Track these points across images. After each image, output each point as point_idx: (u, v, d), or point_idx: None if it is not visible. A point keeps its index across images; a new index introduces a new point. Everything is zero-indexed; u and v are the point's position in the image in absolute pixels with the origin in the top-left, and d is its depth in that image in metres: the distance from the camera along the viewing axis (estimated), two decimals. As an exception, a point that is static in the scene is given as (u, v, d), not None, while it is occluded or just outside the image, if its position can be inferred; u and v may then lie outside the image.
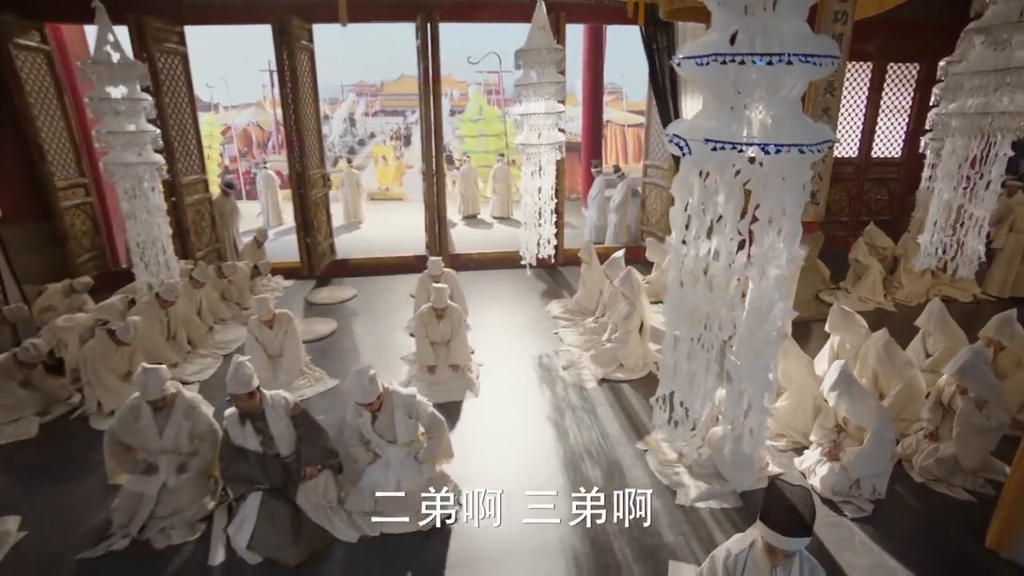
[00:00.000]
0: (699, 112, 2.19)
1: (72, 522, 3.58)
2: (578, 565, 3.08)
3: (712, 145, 1.97)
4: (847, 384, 3.37)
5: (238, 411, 3.37)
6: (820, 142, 1.97)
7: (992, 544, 3.05)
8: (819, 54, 1.83)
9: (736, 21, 1.99)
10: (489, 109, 19.83)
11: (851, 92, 8.89)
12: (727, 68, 1.91)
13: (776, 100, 1.97)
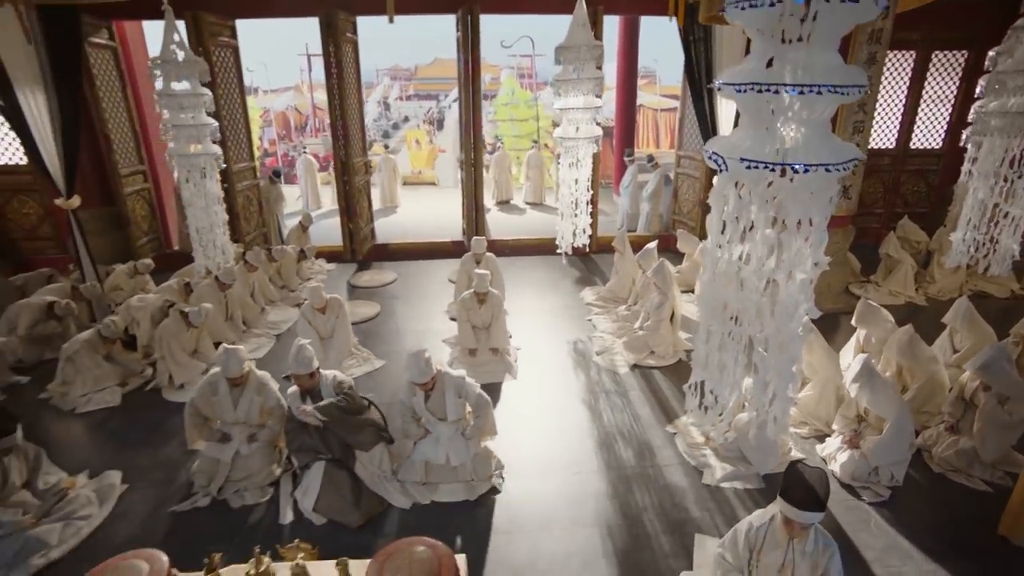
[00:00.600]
0: (735, 130, 2.41)
1: (160, 480, 4.03)
2: (611, 534, 3.39)
3: (747, 164, 2.19)
4: (868, 376, 3.57)
5: (299, 389, 3.73)
6: (846, 161, 2.18)
7: (1004, 531, 3.24)
8: (848, 84, 2.03)
9: (773, 49, 2.19)
10: (522, 92, 19.93)
11: (890, 82, 8.78)
12: (763, 94, 2.13)
13: (807, 122, 2.18)
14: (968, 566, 3.13)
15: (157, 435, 4.66)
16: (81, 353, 5.22)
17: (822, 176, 2.17)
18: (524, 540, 3.36)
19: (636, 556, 3.25)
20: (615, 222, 10.34)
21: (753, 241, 2.49)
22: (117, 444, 4.53)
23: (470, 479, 3.69)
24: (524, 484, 3.81)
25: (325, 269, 8.48)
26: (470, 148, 8.12)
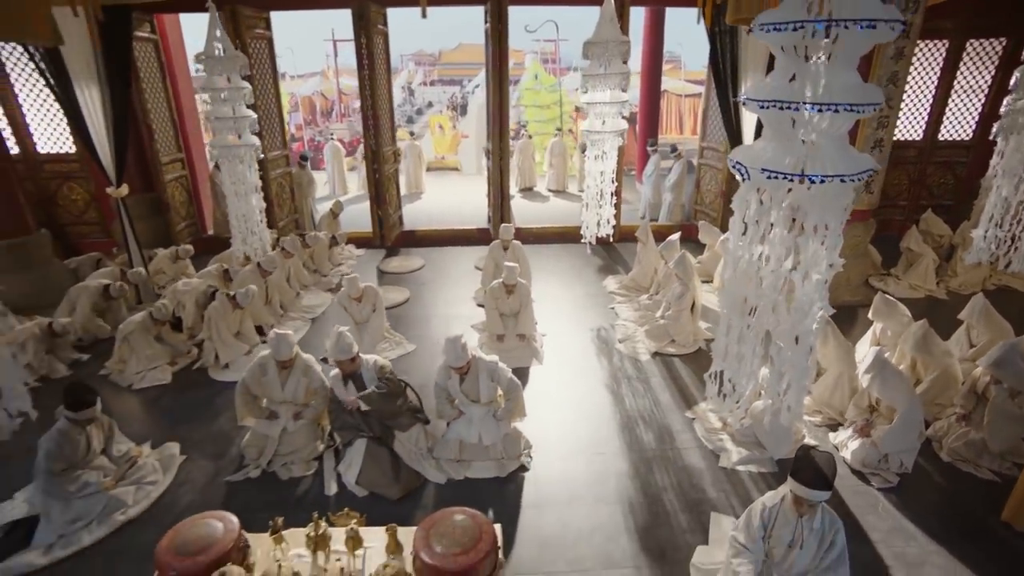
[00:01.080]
0: (757, 140, 2.59)
1: (213, 453, 4.38)
2: (632, 511, 3.65)
3: (767, 174, 2.38)
4: (881, 368, 3.75)
5: (341, 372, 4.02)
6: (861, 172, 2.35)
7: (1007, 517, 3.43)
8: (864, 103, 2.20)
9: (795, 66, 2.37)
10: (546, 77, 19.93)
11: (920, 72, 8.70)
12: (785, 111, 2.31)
13: (825, 135, 2.36)
14: (970, 549, 3.32)
15: (207, 411, 5.01)
16: (135, 334, 5.59)
17: (838, 185, 2.35)
18: (551, 514, 3.63)
19: (655, 532, 3.50)
20: (637, 211, 10.47)
21: (772, 243, 2.68)
22: (171, 419, 4.89)
23: (501, 457, 3.97)
24: (551, 463, 4.09)
25: (355, 255, 8.78)
26: (497, 138, 8.30)
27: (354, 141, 18.78)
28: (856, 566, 3.10)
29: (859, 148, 6.11)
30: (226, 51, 6.09)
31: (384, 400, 3.91)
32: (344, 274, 7.94)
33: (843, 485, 3.85)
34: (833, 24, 2.14)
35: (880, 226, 8.25)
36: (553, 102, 19.00)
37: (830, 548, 2.66)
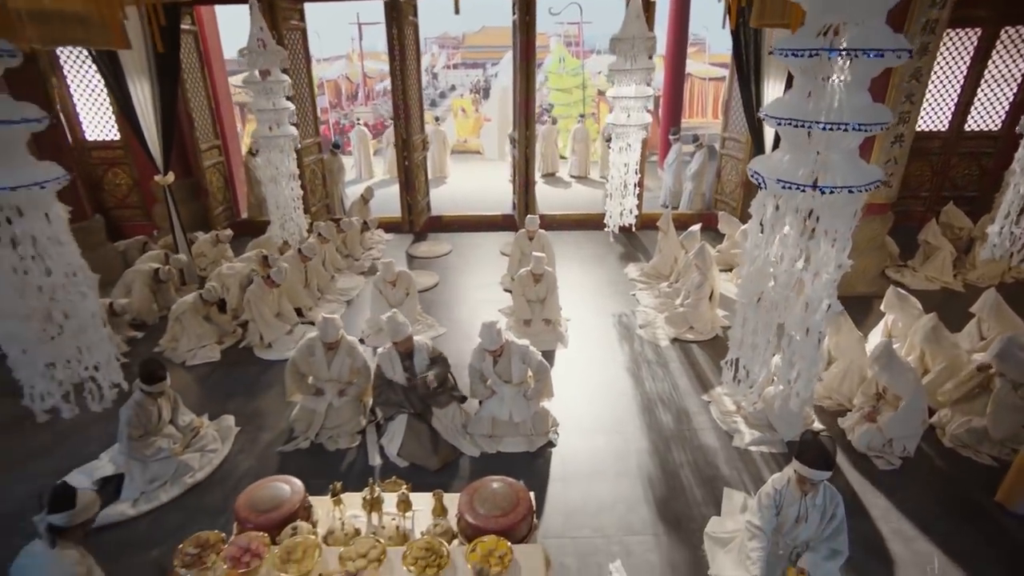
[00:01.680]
0: (775, 152, 2.84)
1: (264, 425, 4.79)
2: (651, 485, 3.97)
3: (782, 184, 2.63)
4: (888, 358, 3.99)
5: (397, 352, 4.36)
6: (868, 183, 2.59)
7: (1000, 498, 3.68)
8: (872, 123, 2.44)
9: (811, 85, 2.60)
10: (571, 60, 19.90)
11: (948, 61, 8.65)
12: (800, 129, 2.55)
13: (837, 150, 2.59)
14: (963, 526, 3.59)
15: (255, 387, 5.43)
16: (187, 314, 6.01)
17: (847, 195, 2.59)
18: (577, 487, 3.97)
19: (672, 503, 3.83)
20: (658, 198, 10.64)
21: (786, 244, 2.93)
22: (223, 393, 5.31)
23: (530, 433, 4.31)
24: (576, 439, 4.43)
25: (384, 239, 9.13)
26: (523, 127, 8.53)
27: (378, 124, 19.07)
28: (857, 539, 3.41)
29: (879, 144, 6.27)
30: (267, 46, 6.40)
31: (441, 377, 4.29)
32: (375, 258, 8.35)
33: (849, 466, 4.13)
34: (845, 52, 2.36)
35: (901, 217, 8.33)
36: (576, 85, 19.01)
37: (831, 519, 2.95)
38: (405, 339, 4.21)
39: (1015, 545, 3.49)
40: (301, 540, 2.68)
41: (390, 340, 4.27)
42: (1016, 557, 3.40)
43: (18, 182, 2.69)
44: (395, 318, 4.26)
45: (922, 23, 5.85)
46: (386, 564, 2.60)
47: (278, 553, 2.61)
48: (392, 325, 4.22)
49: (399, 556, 2.63)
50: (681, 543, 3.53)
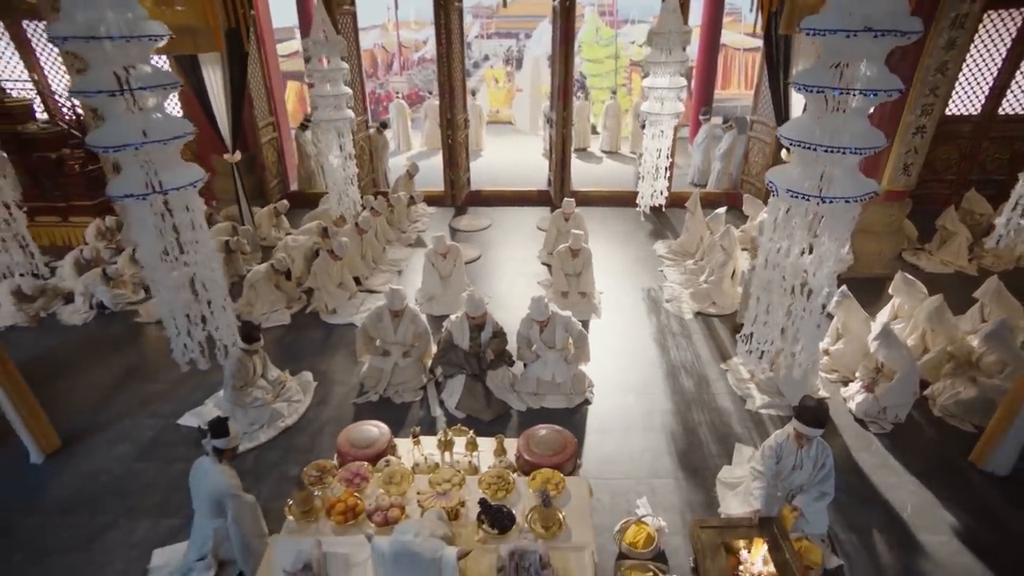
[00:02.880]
0: (787, 164, 3.38)
1: (336, 381, 5.57)
2: (674, 439, 4.66)
3: (791, 194, 3.18)
4: (886, 337, 4.55)
5: (471, 323, 5.04)
6: (863, 195, 3.14)
7: (973, 458, 4.27)
8: (867, 147, 2.97)
9: (820, 111, 3.12)
10: (605, 30, 19.88)
11: (985, 44, 8.66)
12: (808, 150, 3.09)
13: (838, 166, 3.13)
14: (938, 480, 4.20)
15: (324, 348, 6.20)
16: (260, 282, 6.79)
17: (845, 204, 3.15)
18: (610, 439, 4.67)
19: (691, 455, 4.51)
20: (687, 175, 11.04)
21: (794, 240, 3.50)
22: (296, 353, 6.09)
23: (569, 392, 5.02)
24: (609, 399, 5.12)
25: (428, 212, 9.77)
26: (560, 108, 8.99)
27: (411, 94, 19.47)
28: (847, 489, 4.09)
29: (900, 134, 6.61)
30: (328, 37, 6.99)
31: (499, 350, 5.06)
32: (420, 231, 9.05)
33: (847, 429, 4.75)
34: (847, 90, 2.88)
35: (925, 200, 8.64)
36: (608, 56, 19.06)
37: (822, 468, 3.59)
38: (481, 314, 4.92)
39: (978, 495, 4.10)
40: (397, 468, 3.44)
41: (466, 312, 4.96)
42: (977, 505, 4.02)
43: (183, 182, 3.40)
44: (474, 296, 4.98)
45: (952, 17, 6.06)
46: (465, 487, 3.34)
47: (380, 477, 3.37)
48: (472, 302, 4.92)
49: (474, 482, 3.37)
50: (697, 487, 4.22)
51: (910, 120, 6.54)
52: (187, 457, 4.65)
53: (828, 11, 2.83)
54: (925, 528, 3.82)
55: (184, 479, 4.37)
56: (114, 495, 4.33)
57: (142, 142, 3.20)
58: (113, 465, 4.63)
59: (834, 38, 2.80)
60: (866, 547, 3.72)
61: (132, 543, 3.92)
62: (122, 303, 7.06)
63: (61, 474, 4.54)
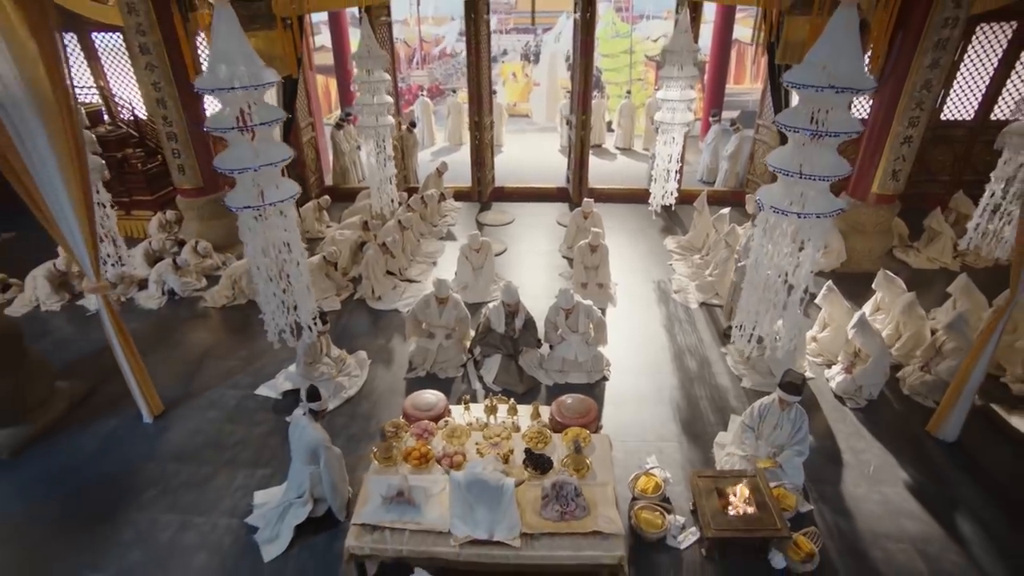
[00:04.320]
0: (773, 184, 4.17)
1: (387, 360, 6.45)
2: (679, 410, 5.50)
3: (774, 210, 3.98)
4: (862, 326, 5.34)
5: (506, 311, 5.89)
6: (832, 211, 3.92)
7: (929, 428, 5.08)
8: (835, 175, 3.74)
9: (798, 145, 3.90)
10: (621, 25, 20.42)
11: (978, 54, 9.26)
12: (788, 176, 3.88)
13: (812, 188, 3.91)
14: (898, 445, 5.02)
15: (372, 331, 7.08)
16: (313, 271, 7.65)
17: (818, 219, 3.93)
18: (625, 410, 5.52)
19: (693, 423, 5.35)
20: (696, 172, 11.75)
21: (778, 245, 4.29)
22: (348, 335, 6.95)
23: (590, 370, 5.87)
24: (623, 377, 5.96)
25: (456, 208, 10.60)
26: (579, 112, 9.74)
27: (431, 88, 20.19)
28: (823, 452, 4.93)
29: (890, 143, 7.32)
30: (371, 51, 7.78)
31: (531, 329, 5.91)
32: (450, 225, 9.89)
33: (826, 405, 5.57)
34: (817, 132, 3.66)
35: (920, 200, 9.33)
36: (623, 50, 19.61)
37: (798, 430, 4.43)
38: (515, 302, 5.77)
39: (929, 457, 4.94)
40: (457, 425, 4.32)
41: (502, 300, 5.81)
42: (927, 465, 4.85)
43: (283, 196, 4.26)
44: (509, 287, 5.84)
45: (935, 40, 6.75)
46: (511, 440, 4.21)
47: (444, 432, 4.25)
48: (507, 291, 5.78)
49: (518, 438, 4.24)
50: (697, 448, 5.08)
51: (899, 131, 7.24)
52: (267, 421, 5.61)
53: (802, 68, 3.60)
54: (883, 482, 4.65)
55: (267, 439, 5.34)
56: (213, 449, 5.26)
57: (259, 165, 4.06)
58: (207, 426, 5.55)
59: (806, 91, 3.58)
60: (833, 496, 4.56)
61: (235, 486, 4.84)
62: (189, 290, 7.97)
63: (168, 432, 5.48)
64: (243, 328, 7.13)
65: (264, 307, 4.74)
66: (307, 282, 4.89)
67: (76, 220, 4.61)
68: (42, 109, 4.16)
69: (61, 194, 4.48)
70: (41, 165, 4.36)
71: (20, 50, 4.01)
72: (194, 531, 4.44)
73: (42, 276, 7.66)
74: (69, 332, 7.25)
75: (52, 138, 4.26)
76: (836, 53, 3.45)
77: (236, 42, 3.83)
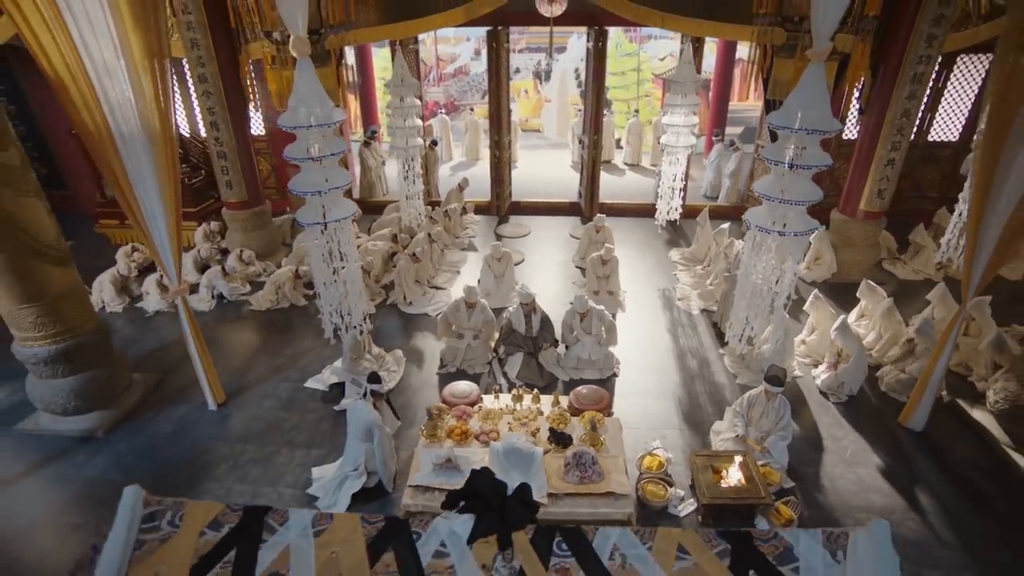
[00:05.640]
0: (758, 207, 4.92)
1: (419, 358, 7.22)
2: (680, 404, 6.23)
3: (758, 228, 4.73)
4: (843, 329, 6.07)
5: (524, 310, 6.66)
6: (809, 230, 4.67)
7: (901, 419, 5.79)
8: (810, 200, 4.49)
9: (778, 175, 4.65)
10: (627, 45, 21.29)
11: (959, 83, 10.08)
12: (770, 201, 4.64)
13: (792, 210, 4.66)
14: (873, 434, 5.72)
15: (404, 332, 7.86)
16: (350, 278, 8.46)
17: (796, 237, 4.68)
18: (633, 402, 6.25)
19: (692, 414, 6.08)
20: (701, 188, 12.50)
21: (765, 258, 5.04)
22: (383, 336, 7.73)
23: (602, 368, 6.61)
24: (632, 374, 6.71)
25: (476, 220, 11.39)
26: (592, 132, 10.54)
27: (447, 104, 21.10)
28: (806, 439, 5.64)
29: (875, 165, 8.07)
30: (404, 79, 8.63)
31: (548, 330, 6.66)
32: (471, 236, 10.69)
33: (812, 400, 6.28)
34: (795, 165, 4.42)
35: (912, 215, 10.05)
36: (631, 68, 20.44)
37: (782, 418, 5.15)
38: (530, 301, 6.55)
39: (899, 443, 5.64)
40: (490, 409, 5.08)
41: (519, 302, 6.58)
42: (897, 450, 5.56)
43: (342, 215, 5.06)
44: (524, 289, 6.62)
45: (911, 75, 7.51)
46: (537, 421, 4.97)
47: (480, 414, 5.01)
48: (523, 293, 6.57)
49: (543, 419, 5.00)
50: (696, 435, 5.80)
51: (883, 154, 7.99)
52: (317, 409, 6.38)
53: (781, 113, 4.38)
54: (858, 464, 5.37)
55: (318, 424, 6.11)
56: (272, 432, 6.03)
57: (328, 188, 4.87)
58: (265, 413, 6.33)
59: (784, 131, 4.34)
60: (813, 475, 5.27)
61: (295, 463, 5.61)
62: (236, 294, 8.79)
63: (231, 418, 6.27)
64: (287, 329, 7.94)
65: (323, 308, 5.53)
66: (360, 287, 5.69)
67: (167, 233, 5.43)
68: (151, 139, 5.00)
69: (157, 210, 5.31)
70: (141, 184, 5.18)
71: (137, 83, 4.83)
72: (264, 499, 5.20)
73: (107, 281, 8.50)
74: (132, 331, 8.06)
75: (155, 163, 5.09)
76: (807, 102, 4.22)
77: (313, 87, 4.66)
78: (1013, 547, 4.53)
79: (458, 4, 8.31)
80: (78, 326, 5.73)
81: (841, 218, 8.70)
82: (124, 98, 4.81)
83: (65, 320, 5.60)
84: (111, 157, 5.00)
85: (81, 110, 4.75)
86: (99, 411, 5.99)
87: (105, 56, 4.60)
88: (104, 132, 4.88)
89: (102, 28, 4.50)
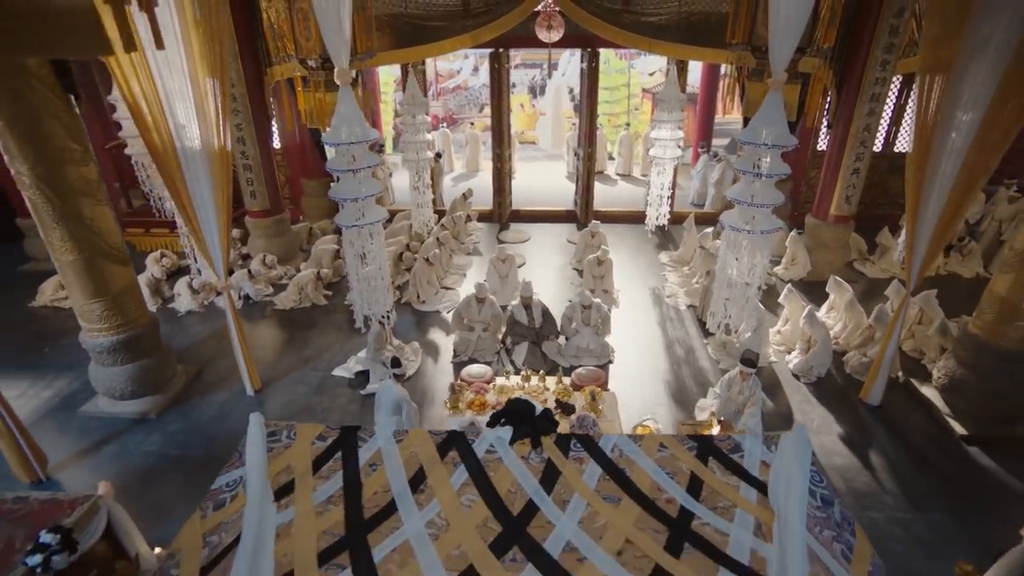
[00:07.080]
0: (732, 210, 5.76)
1: (434, 349, 7.99)
2: (669, 386, 7.02)
3: (732, 228, 5.56)
4: (810, 318, 6.91)
5: (523, 304, 7.46)
6: (773, 229, 5.50)
7: (861, 395, 6.62)
8: (775, 203, 5.33)
9: (748, 182, 5.49)
10: (616, 62, 22.30)
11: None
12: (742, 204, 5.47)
13: (759, 211, 5.49)
14: (837, 408, 6.55)
15: (419, 328, 8.63)
16: (367, 279, 9.23)
17: (763, 235, 5.51)
18: (626, 386, 7.03)
19: (679, 395, 6.87)
20: (688, 196, 13.37)
21: (739, 254, 5.86)
22: (400, 331, 8.45)
23: (599, 356, 7.40)
24: (626, 359, 7.51)
25: (479, 227, 12.21)
26: (587, 145, 11.40)
27: (446, 117, 21.98)
28: (779, 414, 6.44)
29: (843, 175, 8.96)
30: (415, 98, 9.45)
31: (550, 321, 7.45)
32: (475, 242, 11.48)
33: (785, 381, 7.09)
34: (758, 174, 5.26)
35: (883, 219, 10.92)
36: (622, 83, 21.42)
37: (754, 394, 5.95)
38: (528, 296, 7.35)
39: (858, 415, 6.47)
40: (504, 382, 5.86)
41: (520, 294, 7.39)
42: (856, 421, 6.37)
43: (375, 219, 5.84)
44: (526, 282, 7.46)
45: (870, 95, 8.44)
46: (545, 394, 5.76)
47: (495, 389, 5.79)
48: (524, 288, 7.36)
49: (550, 393, 5.78)
50: (682, 410, 6.60)
51: (848, 164, 8.89)
52: (345, 394, 7.13)
53: (747, 131, 5.22)
54: (822, 433, 6.18)
55: (348, 406, 6.85)
56: (307, 413, 6.77)
57: (364, 195, 5.66)
58: (299, 398, 7.07)
59: (750, 146, 5.19)
60: (784, 442, 6.07)
61: (329, 439, 6.35)
62: (261, 295, 9.54)
63: (268, 402, 7.00)
64: (310, 326, 8.69)
65: (355, 300, 6.30)
66: (388, 284, 6.46)
67: (218, 236, 6.19)
68: (209, 156, 5.78)
69: (210, 214, 6.07)
70: (199, 193, 5.95)
71: (200, 98, 5.61)
72: (305, 468, 5.93)
73: (143, 283, 9.22)
74: (166, 330, 8.73)
75: (212, 174, 5.86)
76: (768, 121, 5.07)
77: (352, 110, 5.46)
78: (946, 496, 5.35)
79: (466, 31, 9.15)
80: (135, 319, 6.47)
81: (814, 222, 9.58)
82: (189, 118, 5.60)
83: (125, 314, 6.34)
84: (173, 169, 5.78)
85: (151, 130, 5.54)
86: (151, 396, 6.71)
87: (176, 84, 5.40)
88: (170, 149, 5.66)
89: (175, 60, 5.30)
